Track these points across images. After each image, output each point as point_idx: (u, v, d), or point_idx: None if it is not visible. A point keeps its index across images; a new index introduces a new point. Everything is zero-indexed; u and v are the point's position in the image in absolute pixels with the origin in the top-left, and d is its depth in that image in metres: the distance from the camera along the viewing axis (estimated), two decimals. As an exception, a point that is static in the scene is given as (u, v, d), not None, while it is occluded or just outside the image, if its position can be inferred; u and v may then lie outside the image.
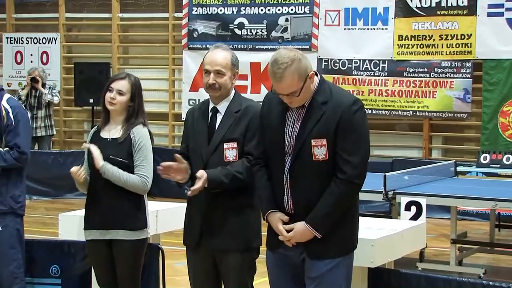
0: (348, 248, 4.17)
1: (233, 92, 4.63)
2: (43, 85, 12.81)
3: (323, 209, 4.01)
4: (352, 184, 4.03)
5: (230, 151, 4.49)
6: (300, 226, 4.05)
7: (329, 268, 4.07)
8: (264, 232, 4.39)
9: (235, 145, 4.49)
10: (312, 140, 4.01)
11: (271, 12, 12.79)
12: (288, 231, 4.08)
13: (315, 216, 4.02)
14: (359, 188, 4.10)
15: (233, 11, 13.03)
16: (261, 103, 4.28)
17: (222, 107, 4.58)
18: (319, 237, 4.03)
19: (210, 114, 4.60)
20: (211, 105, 4.61)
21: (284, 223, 4.10)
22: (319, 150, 4.01)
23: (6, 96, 5.54)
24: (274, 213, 4.14)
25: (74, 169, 4.90)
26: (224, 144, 4.50)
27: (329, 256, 4.07)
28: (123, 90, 4.93)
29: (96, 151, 4.87)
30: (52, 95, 12.82)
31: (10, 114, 5.42)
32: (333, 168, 4.02)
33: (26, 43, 14.76)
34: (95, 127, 5.13)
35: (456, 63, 11.62)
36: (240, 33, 12.98)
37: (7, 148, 5.37)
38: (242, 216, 4.52)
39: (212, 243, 4.52)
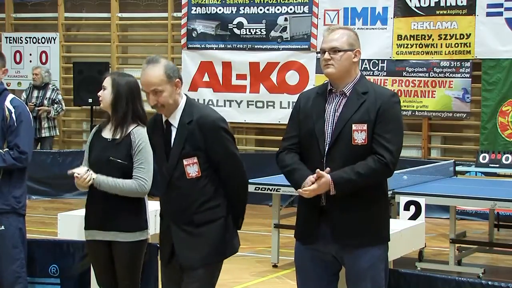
0: (383, 237, 4.23)
1: (183, 100, 4.44)
2: (46, 85, 12.83)
3: (351, 173, 4.06)
4: (385, 167, 4.11)
5: (191, 167, 4.34)
6: (325, 179, 4.06)
7: (370, 264, 4.13)
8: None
9: (195, 160, 4.34)
10: (353, 125, 4.11)
11: (270, 12, 12.79)
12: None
13: (341, 175, 4.06)
14: (390, 174, 4.18)
15: (232, 11, 13.03)
16: (295, 101, 4.36)
17: (174, 118, 4.41)
18: (332, 193, 4.05)
19: (165, 126, 4.45)
20: (164, 117, 4.47)
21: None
22: (359, 135, 4.11)
23: (10, 96, 5.52)
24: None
25: (79, 171, 4.84)
26: (184, 160, 4.35)
27: (363, 243, 4.12)
28: (105, 85, 5.00)
29: (81, 170, 4.83)
30: (58, 112, 12.85)
31: (13, 114, 5.39)
32: (369, 154, 4.10)
33: (25, 43, 14.76)
34: (97, 126, 5.12)
35: (455, 63, 11.63)
36: (239, 33, 12.98)
37: (7, 149, 5.35)
38: (212, 229, 4.36)
39: (180, 260, 4.39)
